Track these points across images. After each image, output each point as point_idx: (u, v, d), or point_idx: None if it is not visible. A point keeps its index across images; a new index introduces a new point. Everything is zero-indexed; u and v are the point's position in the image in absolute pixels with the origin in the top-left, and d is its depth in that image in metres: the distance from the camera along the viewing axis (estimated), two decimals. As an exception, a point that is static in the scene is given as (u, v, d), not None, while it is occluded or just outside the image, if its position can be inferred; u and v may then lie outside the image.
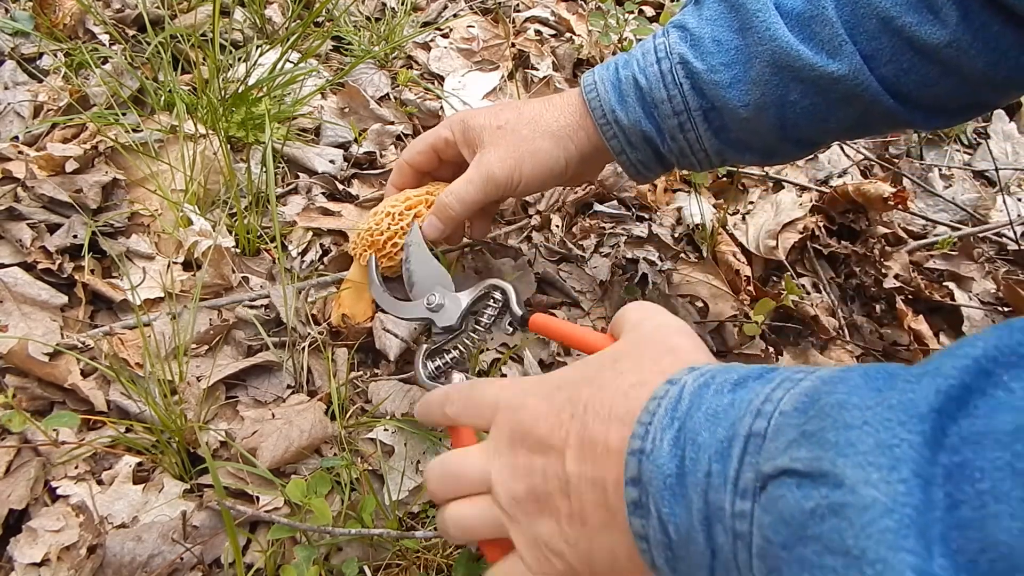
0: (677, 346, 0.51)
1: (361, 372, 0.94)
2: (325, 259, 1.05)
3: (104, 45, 1.26)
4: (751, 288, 1.13)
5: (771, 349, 1.08)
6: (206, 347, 0.91)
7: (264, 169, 1.06)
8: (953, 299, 1.21)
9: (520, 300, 0.72)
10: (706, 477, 0.39)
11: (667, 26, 0.82)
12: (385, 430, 0.87)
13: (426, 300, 0.75)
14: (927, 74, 0.70)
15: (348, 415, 0.88)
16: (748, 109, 0.77)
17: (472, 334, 0.75)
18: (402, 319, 0.85)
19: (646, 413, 0.44)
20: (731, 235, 1.25)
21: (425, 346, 0.75)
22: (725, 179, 1.38)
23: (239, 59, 1.26)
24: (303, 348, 0.92)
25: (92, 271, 0.95)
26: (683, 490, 0.40)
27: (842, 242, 1.25)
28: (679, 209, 1.28)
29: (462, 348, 0.74)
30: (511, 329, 0.72)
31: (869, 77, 0.71)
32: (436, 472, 0.57)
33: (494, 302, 0.74)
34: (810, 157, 1.49)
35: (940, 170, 1.55)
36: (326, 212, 1.10)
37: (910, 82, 0.71)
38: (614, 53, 1.59)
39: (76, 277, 0.93)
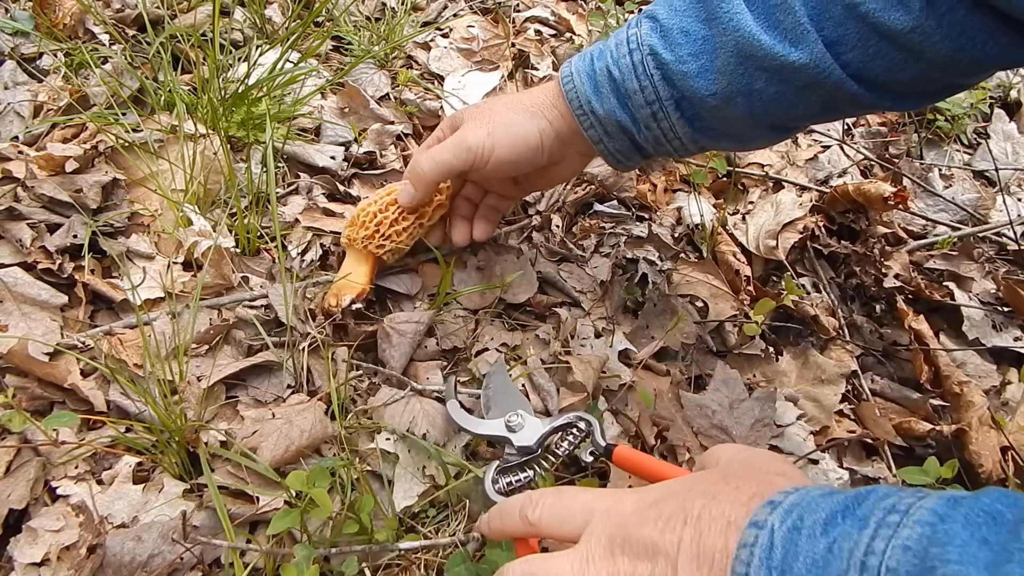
0: (783, 471, 0.52)
1: (361, 372, 0.94)
2: (328, 258, 1.05)
3: (104, 45, 1.26)
4: (751, 288, 1.13)
5: (771, 349, 1.08)
6: (206, 347, 0.91)
7: (264, 169, 1.06)
8: (953, 299, 1.21)
9: (604, 433, 0.74)
10: None
11: (640, 16, 0.83)
12: (387, 439, 0.86)
13: (506, 419, 0.77)
14: (893, 59, 0.70)
15: (348, 415, 0.88)
16: (716, 98, 0.77)
17: (550, 456, 0.75)
18: (477, 434, 0.85)
19: (739, 563, 0.43)
20: (731, 235, 1.25)
21: (497, 463, 0.76)
22: (725, 179, 1.38)
23: (239, 59, 1.26)
24: (303, 348, 0.92)
25: (92, 271, 0.95)
26: None
27: (842, 242, 1.25)
28: (679, 209, 1.28)
29: (538, 469, 0.75)
30: (591, 458, 0.74)
31: (832, 64, 0.71)
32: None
33: (577, 431, 0.75)
34: (810, 157, 1.49)
35: (940, 170, 1.55)
36: (328, 213, 1.10)
37: (876, 67, 0.71)
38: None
39: (76, 277, 0.93)
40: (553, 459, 0.75)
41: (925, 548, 0.36)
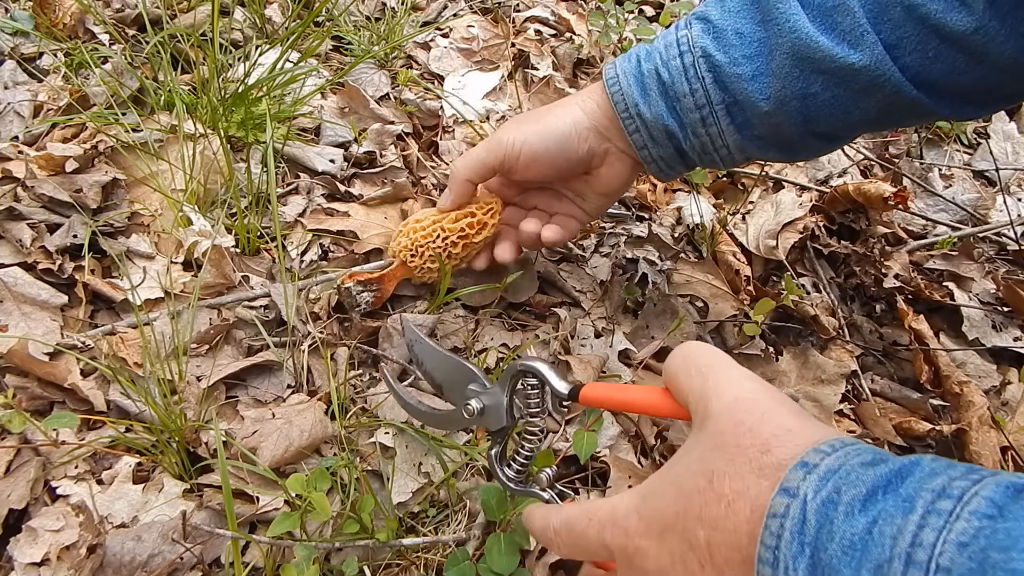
0: (770, 437, 0.44)
1: (361, 372, 0.94)
2: (328, 256, 1.05)
3: (104, 45, 1.26)
4: (751, 288, 1.13)
5: (771, 349, 1.08)
6: (206, 347, 0.91)
7: (264, 169, 1.06)
8: (953, 299, 1.21)
9: (559, 374, 0.62)
10: None
11: (689, 17, 0.81)
12: (386, 433, 0.87)
13: (464, 411, 0.69)
14: (954, 62, 0.68)
15: (348, 415, 0.89)
16: (770, 102, 0.75)
17: (532, 430, 0.66)
18: (447, 432, 0.82)
19: (769, 534, 0.40)
20: (731, 235, 1.25)
21: (493, 452, 0.69)
22: (725, 179, 1.38)
23: (239, 59, 1.26)
24: (303, 348, 0.92)
25: (92, 271, 0.95)
26: None
27: (842, 242, 1.25)
28: (679, 209, 1.28)
29: (528, 450, 0.66)
30: (564, 408, 0.63)
31: (891, 67, 0.69)
32: None
33: (532, 388, 0.64)
34: (810, 157, 1.49)
35: (940, 170, 1.55)
36: (329, 213, 1.10)
37: (936, 71, 0.69)
38: (614, 53, 1.59)
39: (76, 277, 0.93)
40: (537, 433, 0.66)
41: (983, 549, 0.33)
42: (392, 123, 1.28)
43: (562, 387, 0.61)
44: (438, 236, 0.93)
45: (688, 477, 0.46)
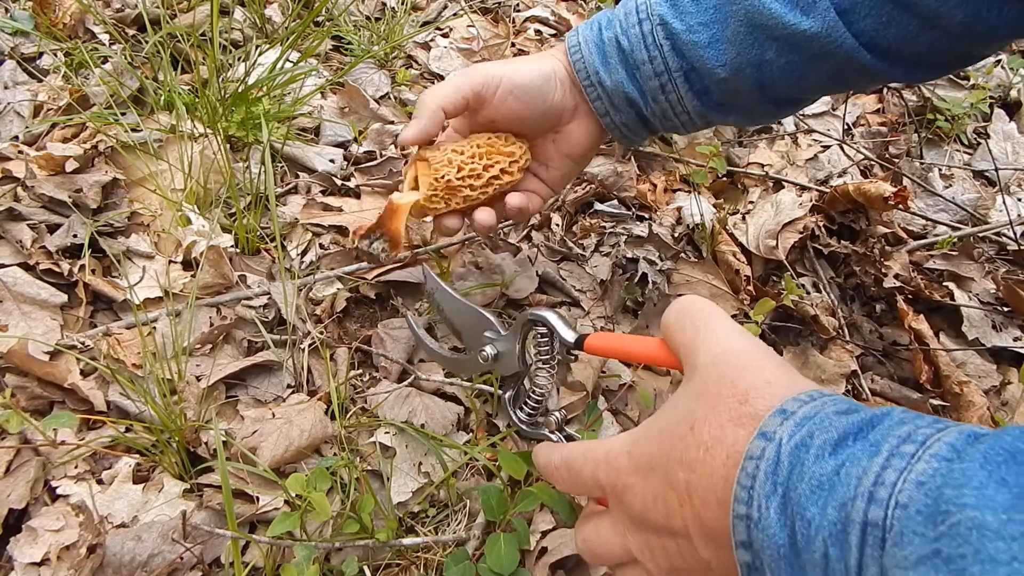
0: (749, 388, 0.46)
1: (361, 372, 0.94)
2: (325, 258, 1.05)
3: (104, 45, 1.26)
4: (751, 288, 1.13)
5: (771, 349, 1.08)
6: (208, 346, 0.91)
7: (263, 168, 1.06)
8: (953, 299, 1.21)
9: (567, 324, 0.67)
10: (823, 558, 0.38)
11: None
12: (386, 433, 0.87)
13: (480, 357, 0.72)
14: (907, 27, 0.69)
15: (348, 415, 0.88)
16: (726, 69, 0.76)
17: (541, 377, 0.69)
18: (465, 377, 0.84)
19: (745, 475, 0.42)
20: (731, 235, 1.24)
21: (508, 394, 0.72)
22: (725, 179, 1.38)
23: (239, 59, 1.26)
24: (303, 347, 0.92)
25: (92, 271, 0.95)
26: (799, 563, 0.39)
27: (842, 242, 1.25)
28: (679, 209, 1.28)
29: (538, 395, 0.70)
30: (573, 356, 0.68)
31: (844, 33, 0.70)
32: (587, 552, 0.58)
33: (542, 337, 0.68)
34: (810, 157, 1.49)
35: (940, 170, 1.55)
36: (327, 208, 1.10)
37: (890, 36, 0.70)
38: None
39: (77, 276, 0.93)
40: (547, 379, 0.69)
41: (939, 487, 0.34)
42: (392, 123, 1.28)
43: (569, 336, 0.65)
44: (471, 159, 0.80)
45: (673, 423, 0.49)
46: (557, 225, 1.20)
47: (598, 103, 0.83)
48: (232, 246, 1.02)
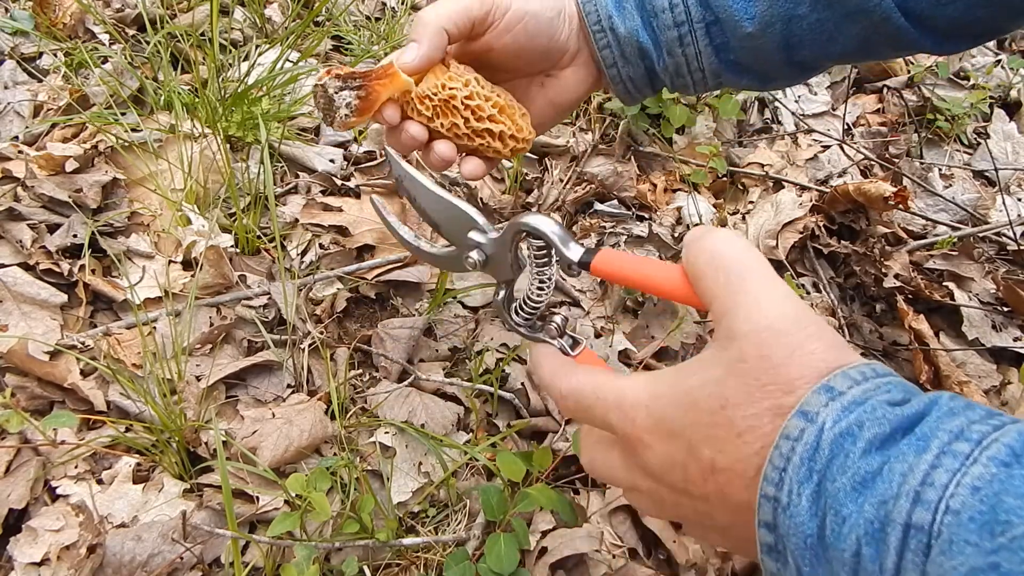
0: (796, 378, 0.41)
1: (361, 372, 0.94)
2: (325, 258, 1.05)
3: (104, 45, 1.26)
4: (751, 288, 1.13)
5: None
6: (208, 346, 0.91)
7: (263, 168, 1.06)
8: (953, 299, 1.21)
9: (568, 238, 0.57)
10: (854, 556, 0.35)
11: None
12: (386, 432, 0.87)
13: (467, 263, 0.63)
14: None
15: (348, 415, 0.89)
16: (754, 23, 0.73)
17: (537, 288, 0.60)
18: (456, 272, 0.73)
19: (779, 455, 0.39)
20: (731, 235, 1.24)
21: (500, 296, 0.64)
22: (725, 179, 1.38)
23: (239, 59, 1.26)
24: (303, 347, 0.92)
25: (92, 270, 0.95)
26: (826, 558, 0.37)
27: (842, 242, 1.25)
28: (679, 209, 1.28)
29: (535, 303, 0.61)
30: (575, 273, 0.57)
31: None
32: (592, 472, 0.55)
33: (538, 250, 0.58)
34: (810, 157, 1.49)
35: (940, 170, 1.55)
36: (327, 208, 1.10)
37: (924, 1, 0.69)
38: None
39: (77, 276, 0.93)
40: (544, 290, 0.60)
41: (998, 494, 0.32)
42: (392, 123, 1.28)
43: (573, 254, 0.56)
44: (486, 101, 0.71)
45: (702, 396, 0.44)
46: (557, 225, 1.20)
47: (606, 51, 0.77)
48: (232, 246, 1.02)
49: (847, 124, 1.57)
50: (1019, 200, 1.50)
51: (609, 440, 0.52)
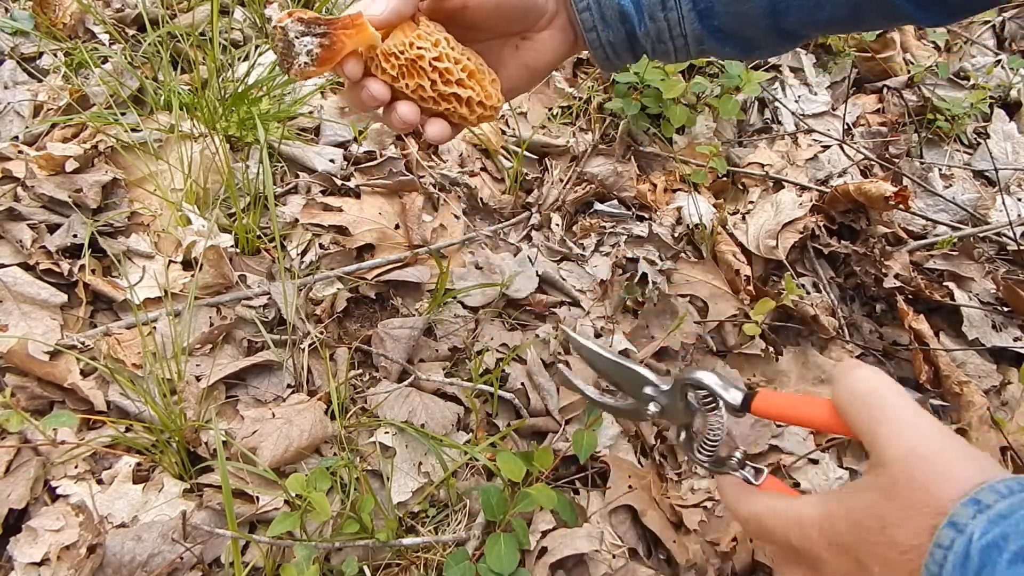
0: (947, 502, 0.46)
1: (361, 372, 0.94)
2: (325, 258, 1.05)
3: (104, 45, 1.26)
4: (751, 288, 1.13)
5: (771, 349, 1.08)
6: (208, 346, 0.91)
7: (262, 168, 1.06)
8: (953, 299, 1.21)
9: (727, 384, 0.64)
10: None
11: None
12: (386, 433, 0.87)
13: (646, 413, 0.72)
14: None
15: (348, 415, 0.89)
16: None
17: (711, 428, 0.67)
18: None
19: (933, 562, 0.43)
20: (731, 235, 1.25)
21: (680, 438, 0.71)
22: (725, 179, 1.38)
23: (239, 59, 1.26)
24: (303, 347, 0.92)
25: (92, 270, 0.95)
26: None
27: (842, 242, 1.25)
28: (679, 209, 1.28)
29: (712, 442, 0.68)
30: (740, 415, 0.66)
31: None
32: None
33: (704, 396, 0.66)
34: (810, 157, 1.49)
35: (940, 170, 1.55)
36: (327, 208, 1.10)
37: None
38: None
39: (77, 276, 0.93)
40: (711, 421, 0.67)
41: None
42: (392, 123, 1.28)
43: (734, 398, 0.63)
44: (455, 64, 0.67)
45: (863, 516, 0.50)
46: (557, 225, 1.20)
47: (585, 15, 0.74)
48: (232, 246, 1.02)
49: (847, 124, 1.57)
50: (1019, 200, 1.50)
51: (795, 558, 0.57)
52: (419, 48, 0.65)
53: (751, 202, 1.33)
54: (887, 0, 0.70)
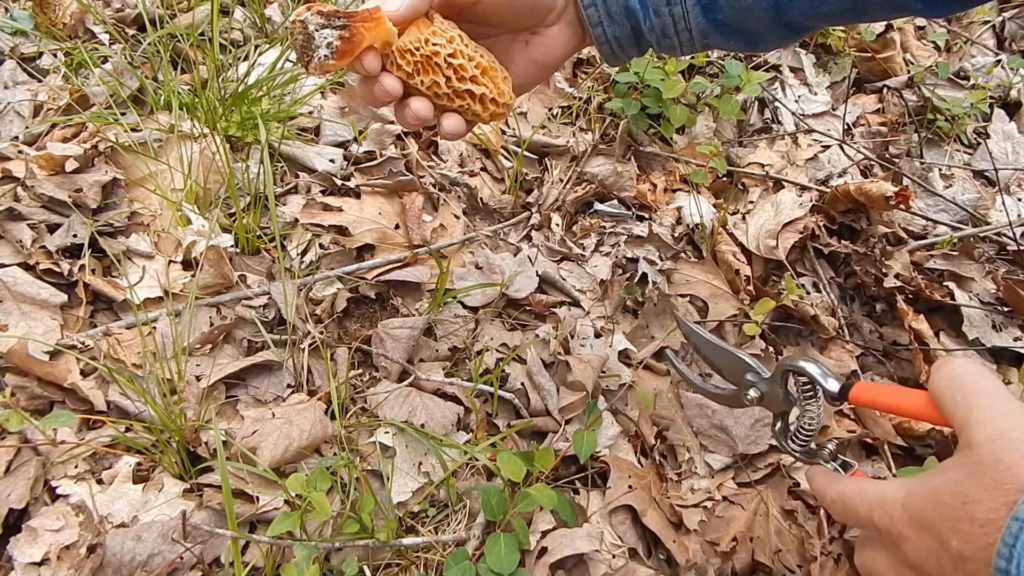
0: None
1: (361, 372, 0.94)
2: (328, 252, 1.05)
3: (104, 45, 1.26)
4: (751, 288, 1.13)
5: (771, 349, 1.08)
6: (208, 346, 0.91)
7: (262, 168, 1.06)
8: (953, 299, 1.21)
9: (826, 372, 0.69)
10: None
11: None
12: (386, 432, 0.87)
13: (745, 399, 0.76)
14: None
15: (348, 415, 0.89)
16: None
17: (808, 416, 0.72)
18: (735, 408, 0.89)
19: (1009, 533, 0.46)
20: (731, 235, 1.24)
21: (777, 427, 0.76)
22: (725, 179, 1.38)
23: (239, 59, 1.26)
24: (303, 347, 0.92)
25: (92, 270, 0.95)
26: None
27: (842, 242, 1.25)
28: (679, 209, 1.28)
29: (808, 431, 0.73)
30: (837, 403, 0.70)
31: None
32: (865, 572, 0.63)
33: (804, 384, 0.70)
34: (810, 157, 1.49)
35: (940, 170, 1.55)
36: (327, 208, 1.10)
37: None
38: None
39: (77, 276, 0.93)
40: (813, 419, 0.71)
41: None
42: (392, 123, 1.28)
43: (832, 386, 0.67)
44: (469, 61, 0.67)
45: (946, 493, 0.53)
46: (557, 225, 1.20)
47: (591, 10, 0.75)
48: (232, 246, 1.02)
49: (847, 124, 1.57)
50: (1019, 200, 1.50)
51: (876, 541, 0.61)
52: (434, 44, 0.65)
53: (751, 202, 1.33)
54: None
